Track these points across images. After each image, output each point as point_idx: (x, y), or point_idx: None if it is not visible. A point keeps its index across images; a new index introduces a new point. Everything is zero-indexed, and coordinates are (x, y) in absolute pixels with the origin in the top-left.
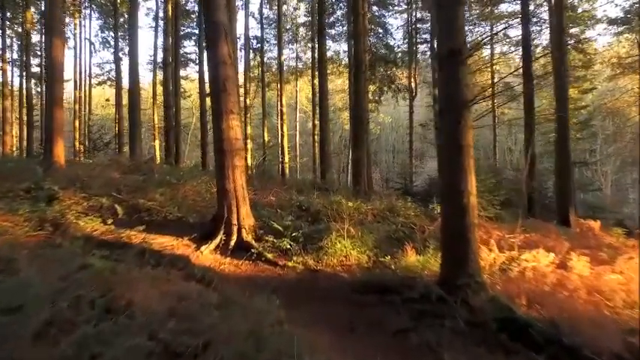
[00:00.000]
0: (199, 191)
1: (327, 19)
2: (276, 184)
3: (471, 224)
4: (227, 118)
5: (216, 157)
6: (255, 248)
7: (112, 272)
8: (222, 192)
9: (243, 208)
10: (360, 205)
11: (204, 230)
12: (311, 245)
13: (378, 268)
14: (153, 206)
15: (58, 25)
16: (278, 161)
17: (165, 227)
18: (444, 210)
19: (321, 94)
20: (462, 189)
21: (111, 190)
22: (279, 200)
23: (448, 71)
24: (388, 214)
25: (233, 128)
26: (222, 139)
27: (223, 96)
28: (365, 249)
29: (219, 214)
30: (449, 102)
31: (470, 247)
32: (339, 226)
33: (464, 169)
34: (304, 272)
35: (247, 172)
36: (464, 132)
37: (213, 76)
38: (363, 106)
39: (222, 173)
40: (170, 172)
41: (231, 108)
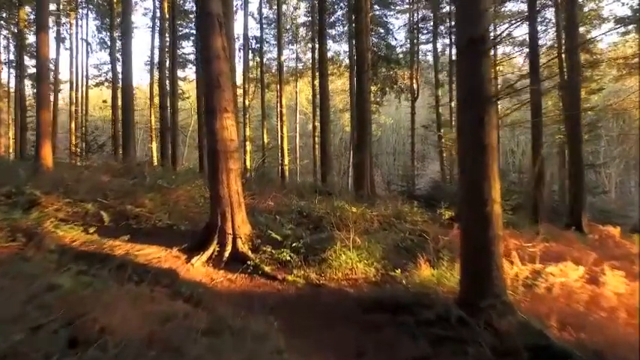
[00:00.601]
0: (193, 196)
1: (327, 19)
2: (275, 187)
3: (495, 236)
4: (221, 116)
5: (209, 159)
6: (252, 260)
7: (86, 291)
8: (215, 198)
9: (239, 216)
10: (365, 210)
11: (196, 240)
12: (313, 257)
13: (388, 282)
14: (141, 213)
15: (47, 23)
16: (278, 163)
17: (153, 236)
18: (463, 219)
19: (322, 95)
20: (485, 196)
21: (98, 195)
22: (279, 205)
23: (469, 63)
24: (394, 220)
25: (227, 128)
26: (216, 139)
27: (217, 93)
28: (372, 261)
29: (212, 222)
30: (470, 97)
31: (494, 262)
32: (344, 236)
33: (487, 173)
34: (306, 287)
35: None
36: (487, 131)
37: (206, 72)
38: (365, 106)
39: (216, 177)
40: (163, 176)
41: (225, 106)
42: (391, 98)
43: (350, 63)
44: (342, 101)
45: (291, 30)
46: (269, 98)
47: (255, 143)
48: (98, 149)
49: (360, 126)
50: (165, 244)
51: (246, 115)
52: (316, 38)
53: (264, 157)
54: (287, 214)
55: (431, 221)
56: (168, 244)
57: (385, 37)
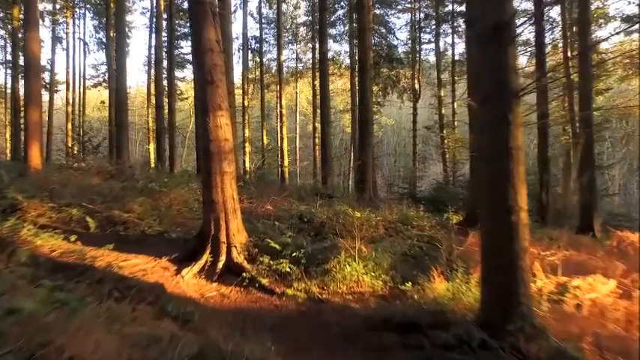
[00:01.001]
0: (186, 200)
1: (328, 18)
2: (274, 190)
3: (521, 249)
4: (214, 114)
5: (202, 161)
6: (248, 271)
7: (56, 312)
8: (208, 203)
9: (234, 223)
10: (369, 215)
11: (187, 249)
12: (315, 268)
13: (398, 297)
14: (130, 218)
15: (36, 18)
16: (277, 165)
17: (142, 244)
18: (484, 230)
19: (322, 95)
20: (511, 204)
21: (85, 199)
22: (278, 210)
23: (492, 53)
24: (401, 225)
25: (221, 127)
26: (209, 139)
27: (210, 89)
28: (379, 272)
29: (204, 229)
30: (492, 92)
31: (521, 279)
32: (349, 244)
33: (513, 178)
34: (307, 303)
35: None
36: (513, 130)
37: (197, 66)
38: (367, 106)
39: (209, 181)
40: (157, 178)
41: (219, 103)
42: (392, 99)
43: (351, 63)
44: (343, 102)
45: (291, 30)
46: (269, 99)
47: (255, 144)
48: (93, 150)
49: (361, 126)
50: (154, 253)
51: (246, 115)
52: (316, 38)
53: (263, 158)
54: (287, 220)
55: (438, 226)
56: (157, 253)
57: (386, 36)
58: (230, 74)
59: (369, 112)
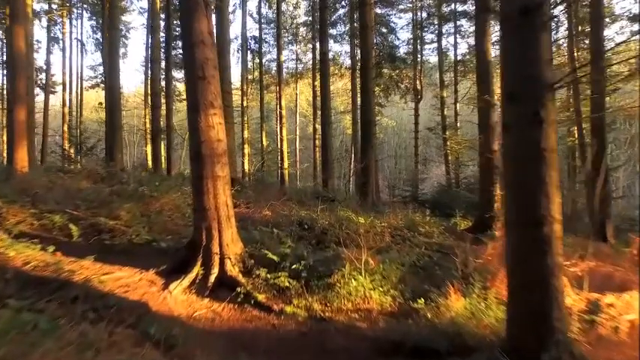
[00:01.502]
0: (178, 205)
1: (329, 17)
2: (273, 193)
3: (555, 265)
4: (206, 113)
5: (192, 164)
6: (243, 286)
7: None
8: (200, 211)
9: (228, 232)
10: (374, 221)
11: (177, 260)
12: (317, 282)
13: (409, 316)
14: (116, 226)
15: (22, 12)
16: (277, 167)
17: (128, 255)
18: (512, 242)
19: (323, 95)
20: (543, 213)
21: (70, 204)
22: (277, 216)
23: (521, 40)
24: (407, 232)
25: (214, 127)
26: (200, 140)
27: (201, 85)
28: (388, 287)
29: (195, 239)
30: (521, 85)
31: (554, 299)
32: (354, 256)
33: (545, 184)
34: (308, 322)
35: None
36: (545, 129)
37: (187, 60)
38: (370, 106)
39: (200, 186)
40: (149, 182)
41: (211, 100)
42: (393, 100)
43: (352, 63)
44: (343, 103)
45: (291, 30)
46: (268, 100)
47: (254, 146)
48: (87, 152)
49: (364, 127)
50: (141, 264)
51: (245, 117)
52: (317, 37)
53: (263, 160)
54: (286, 227)
55: (447, 233)
56: (144, 265)
57: (388, 36)
58: (227, 72)
59: (371, 113)
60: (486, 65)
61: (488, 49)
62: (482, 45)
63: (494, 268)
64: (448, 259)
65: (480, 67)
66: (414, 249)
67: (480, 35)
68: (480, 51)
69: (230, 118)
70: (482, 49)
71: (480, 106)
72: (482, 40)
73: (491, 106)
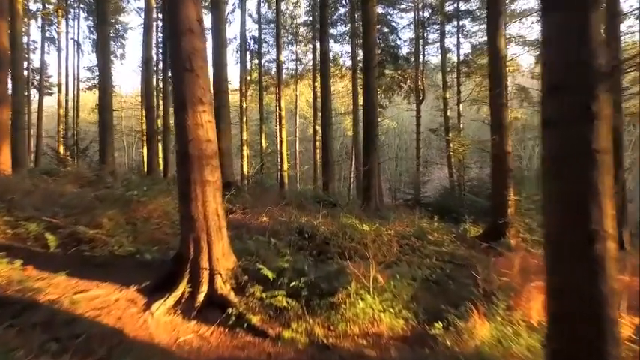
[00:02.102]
0: (167, 212)
1: (329, 16)
2: (272, 198)
3: (609, 292)
4: (194, 110)
5: (179, 167)
6: (234, 306)
7: None
8: (186, 220)
9: (218, 244)
10: (379, 229)
11: (162, 275)
12: (319, 301)
13: (425, 342)
14: (98, 235)
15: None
16: (277, 169)
17: (108, 268)
18: (552, 262)
19: (323, 96)
20: (594, 228)
21: (49, 211)
22: (275, 223)
23: (568, 21)
24: (416, 241)
25: (203, 125)
26: (187, 141)
27: (188, 78)
28: (399, 307)
29: (182, 252)
30: (569, 73)
31: (609, 334)
32: (361, 271)
33: (597, 193)
34: (309, 349)
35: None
36: (597, 126)
37: (173, 51)
38: (373, 107)
39: (187, 192)
40: (139, 185)
41: (199, 96)
42: (395, 101)
43: (352, 63)
44: (344, 104)
45: (291, 29)
46: (268, 101)
47: (254, 148)
48: (80, 154)
49: (366, 129)
50: (121, 280)
51: (244, 118)
52: (317, 37)
53: (262, 162)
54: (284, 235)
55: (458, 241)
56: (125, 280)
57: (389, 36)
58: (224, 70)
59: (374, 113)
60: (499, 62)
61: (501, 45)
62: (495, 40)
63: (517, 284)
64: (462, 272)
65: (493, 64)
66: (424, 260)
67: (492, 30)
68: (492, 47)
69: (227, 118)
70: (494, 44)
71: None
72: (495, 35)
73: (504, 105)
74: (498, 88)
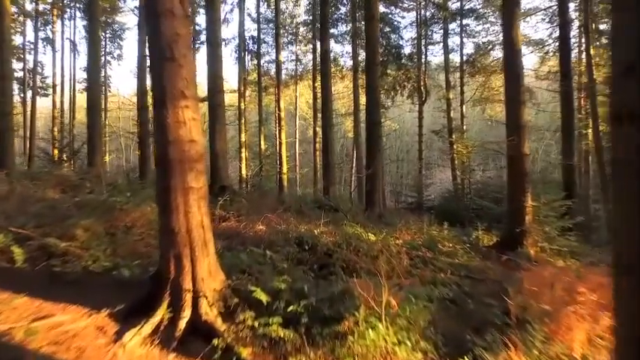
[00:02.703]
0: (152, 220)
1: (330, 15)
2: (270, 202)
3: None
4: (175, 105)
5: (158, 173)
6: (222, 336)
7: None
8: (166, 234)
9: (204, 262)
10: (387, 238)
11: (139, 297)
12: (321, 330)
13: None
14: (71, 248)
15: None
16: (276, 172)
17: (79, 287)
18: (627, 295)
19: (324, 96)
20: None
21: (20, 219)
22: (272, 232)
23: None
24: (427, 252)
25: (185, 123)
26: (167, 141)
27: (168, 68)
28: (416, 336)
29: (162, 271)
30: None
31: None
32: (371, 295)
33: None
34: None
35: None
36: None
37: (151, 35)
38: (377, 106)
39: (167, 201)
40: (125, 190)
41: (181, 89)
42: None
43: (354, 63)
44: (344, 105)
45: (291, 29)
46: (267, 102)
47: (253, 150)
48: (72, 156)
49: (370, 129)
50: (93, 301)
51: (242, 119)
52: (317, 37)
53: (261, 164)
54: (282, 247)
55: (472, 251)
56: (98, 302)
57: (390, 36)
58: (219, 66)
59: (378, 114)
60: (515, 56)
61: (517, 37)
62: (511, 32)
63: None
64: (481, 288)
65: (508, 58)
66: (437, 274)
67: (508, 21)
68: (508, 40)
69: (222, 118)
70: (510, 36)
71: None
72: (511, 26)
73: (522, 103)
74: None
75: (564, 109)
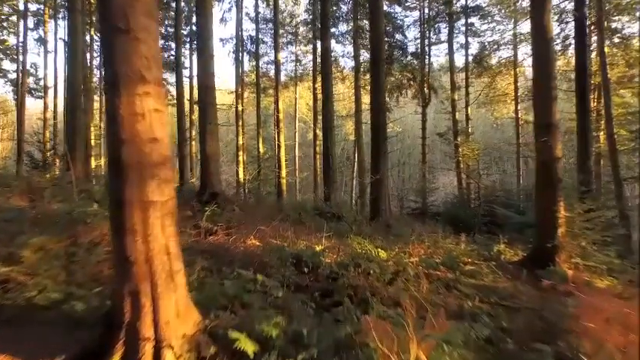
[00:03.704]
0: None
1: (331, 14)
2: (266, 211)
3: None
4: (130, 91)
5: (110, 181)
6: None
7: None
8: (120, 263)
9: (169, 299)
10: (400, 256)
11: (88, 344)
12: None
13: None
14: (13, 274)
15: None
16: (275, 175)
17: (18, 327)
18: None
19: (325, 96)
20: None
21: None
22: (266, 248)
23: None
24: (447, 272)
25: (144, 116)
26: (120, 139)
27: (122, 43)
28: None
29: (115, 312)
30: None
31: None
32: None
33: None
34: None
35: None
36: None
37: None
38: (382, 106)
39: (120, 220)
40: (99, 198)
41: (141, 70)
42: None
43: (355, 63)
44: (345, 108)
45: (290, 28)
46: (266, 105)
47: (252, 153)
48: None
49: (374, 131)
50: (29, 350)
51: (240, 121)
52: (317, 36)
53: (259, 168)
54: (277, 268)
55: (497, 269)
56: (35, 349)
57: (395, 34)
58: (210, 62)
59: (383, 115)
60: (546, 45)
61: (548, 23)
62: (542, 17)
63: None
64: (519, 319)
65: (538, 47)
66: (464, 302)
67: (539, 4)
68: (538, 26)
69: (214, 118)
70: (541, 22)
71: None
72: (541, 10)
73: (554, 99)
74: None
75: (581, 109)
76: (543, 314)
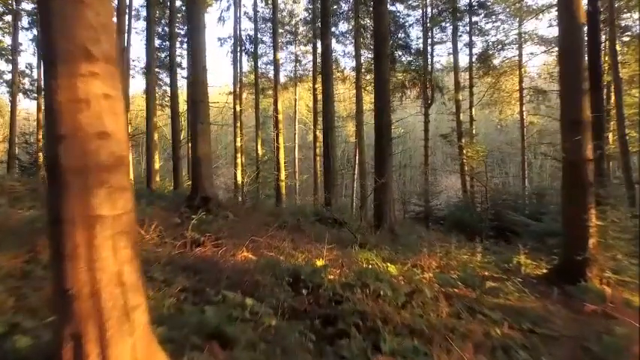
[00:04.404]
0: None
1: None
2: (262, 217)
3: None
4: (73, 71)
5: (48, 187)
6: None
7: None
8: (60, 298)
9: (124, 344)
10: (412, 272)
11: None
12: None
13: None
14: None
15: None
16: (274, 178)
17: None
18: None
19: (325, 96)
20: None
21: None
22: (260, 262)
23: None
24: (467, 290)
25: (89, 102)
26: (57, 134)
27: (63, 7)
28: None
29: (56, 358)
30: None
31: None
32: None
33: None
34: None
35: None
36: None
37: None
38: (386, 106)
39: (59, 242)
40: None
41: (85, 43)
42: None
43: (356, 63)
44: (346, 109)
45: (289, 27)
46: (265, 106)
47: (251, 156)
48: None
49: (379, 132)
50: None
51: (238, 123)
52: (318, 35)
53: (257, 171)
54: (271, 288)
55: (522, 285)
56: None
57: (398, 33)
58: (202, 56)
59: (387, 114)
60: (576, 30)
61: (579, 8)
62: (571, 5)
63: None
64: (557, 352)
65: (567, 36)
66: (492, 329)
67: None
68: (568, 13)
69: (206, 116)
70: (570, 10)
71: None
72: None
73: (584, 92)
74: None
75: (595, 107)
76: (587, 345)
